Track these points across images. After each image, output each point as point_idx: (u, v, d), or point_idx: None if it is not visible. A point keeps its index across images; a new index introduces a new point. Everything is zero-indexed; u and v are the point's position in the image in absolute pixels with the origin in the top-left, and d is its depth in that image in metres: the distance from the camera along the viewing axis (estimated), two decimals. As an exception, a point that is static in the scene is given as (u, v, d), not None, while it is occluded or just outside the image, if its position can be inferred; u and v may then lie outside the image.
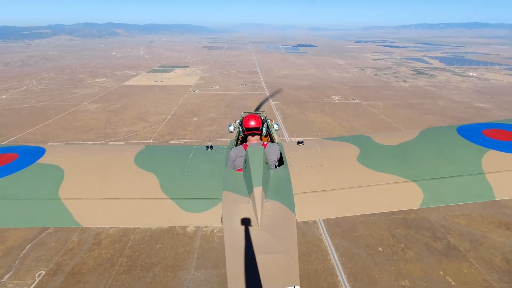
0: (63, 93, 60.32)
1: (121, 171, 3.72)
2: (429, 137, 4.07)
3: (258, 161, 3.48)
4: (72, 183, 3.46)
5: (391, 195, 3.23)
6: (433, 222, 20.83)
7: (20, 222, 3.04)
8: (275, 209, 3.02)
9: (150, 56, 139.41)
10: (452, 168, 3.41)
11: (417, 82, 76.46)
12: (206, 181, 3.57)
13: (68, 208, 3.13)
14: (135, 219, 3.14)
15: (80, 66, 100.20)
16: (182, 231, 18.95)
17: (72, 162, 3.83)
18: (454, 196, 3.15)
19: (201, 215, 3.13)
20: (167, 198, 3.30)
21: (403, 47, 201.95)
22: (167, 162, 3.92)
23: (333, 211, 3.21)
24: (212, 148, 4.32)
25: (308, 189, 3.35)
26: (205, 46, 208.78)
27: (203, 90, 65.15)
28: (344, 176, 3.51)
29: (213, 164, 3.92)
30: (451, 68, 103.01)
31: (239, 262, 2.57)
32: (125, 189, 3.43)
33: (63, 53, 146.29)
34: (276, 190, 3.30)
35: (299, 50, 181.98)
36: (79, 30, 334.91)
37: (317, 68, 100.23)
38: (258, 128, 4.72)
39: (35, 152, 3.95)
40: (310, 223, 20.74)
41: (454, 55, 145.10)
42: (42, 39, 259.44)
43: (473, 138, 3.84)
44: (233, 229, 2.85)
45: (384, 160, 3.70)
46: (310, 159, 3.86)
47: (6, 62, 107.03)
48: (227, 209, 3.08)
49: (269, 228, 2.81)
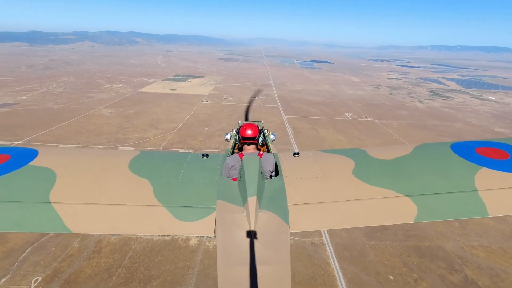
0: (80, 96, 61.84)
1: (115, 176, 3.64)
2: (424, 153, 4.10)
3: (254, 170, 3.47)
4: (64, 187, 3.35)
5: (385, 209, 3.22)
6: (449, 252, 19.56)
7: (7, 226, 2.89)
8: (269, 220, 2.98)
9: (167, 65, 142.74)
10: (446, 184, 3.44)
11: (433, 103, 74.96)
12: (201, 190, 3.52)
13: (59, 213, 3.02)
14: (127, 226, 3.06)
15: (99, 71, 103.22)
16: (184, 244, 18.38)
17: (65, 165, 3.73)
18: (448, 212, 3.15)
19: (194, 224, 3.07)
20: (160, 205, 3.23)
21: (419, 68, 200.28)
22: (162, 169, 3.86)
23: (327, 223, 3.18)
24: (208, 156, 4.28)
25: (302, 201, 3.32)
26: (221, 57, 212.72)
27: (216, 100, 65.62)
28: (338, 189, 3.50)
29: (208, 172, 3.86)
30: (468, 91, 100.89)
31: (231, 273, 2.55)
32: (118, 195, 3.35)
33: (84, 58, 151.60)
34: (271, 201, 3.26)
35: (314, 65, 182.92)
36: (101, 38, 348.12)
37: (330, 84, 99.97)
38: (254, 138, 4.68)
39: (28, 154, 3.86)
40: (318, 244, 19.83)
41: (471, 78, 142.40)
42: (66, 44, 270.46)
43: (467, 156, 3.88)
44: (226, 239, 2.82)
45: (379, 174, 3.68)
46: (306, 170, 3.84)
47: (30, 64, 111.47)
48: (221, 219, 3.02)
49: (262, 238, 2.77)
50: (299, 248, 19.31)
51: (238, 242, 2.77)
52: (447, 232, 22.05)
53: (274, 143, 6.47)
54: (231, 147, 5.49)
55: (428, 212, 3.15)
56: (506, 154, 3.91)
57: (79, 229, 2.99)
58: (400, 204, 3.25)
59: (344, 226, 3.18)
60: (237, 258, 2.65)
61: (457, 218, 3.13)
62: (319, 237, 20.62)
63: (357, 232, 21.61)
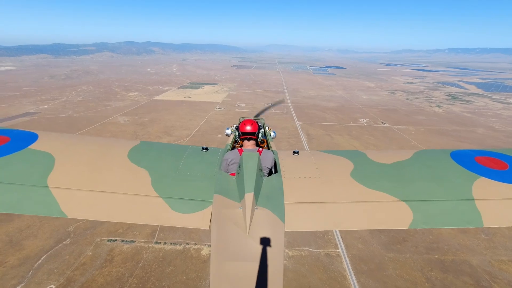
0: (98, 105, 63.65)
1: (113, 164, 3.64)
2: (423, 159, 4.07)
3: (252, 167, 3.46)
4: (62, 172, 3.36)
5: (381, 213, 3.19)
6: (476, 266, 18.32)
7: (4, 207, 2.92)
8: (264, 217, 2.97)
9: (182, 73, 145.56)
10: (443, 191, 3.42)
11: (452, 108, 72.33)
12: (198, 183, 3.52)
13: (56, 197, 3.05)
14: (123, 215, 3.06)
15: (117, 80, 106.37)
16: (196, 254, 18.11)
17: (64, 151, 3.74)
18: (443, 220, 3.13)
19: (189, 216, 3.08)
20: (157, 196, 3.24)
21: (436, 71, 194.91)
22: (161, 160, 3.85)
23: (323, 224, 3.14)
24: (207, 149, 4.28)
25: (299, 200, 3.31)
26: (234, 65, 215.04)
27: (229, 107, 65.90)
28: (336, 190, 3.48)
29: (207, 166, 3.87)
30: (489, 94, 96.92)
31: (223, 267, 2.57)
32: (115, 183, 3.34)
33: (103, 68, 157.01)
34: (268, 198, 3.25)
35: (327, 71, 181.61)
36: (120, 48, 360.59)
37: (345, 90, 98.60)
38: (253, 133, 4.70)
39: (28, 138, 3.89)
40: (333, 256, 19.07)
41: (492, 81, 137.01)
42: (87, 55, 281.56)
43: (466, 164, 3.86)
44: (221, 233, 2.81)
45: (377, 177, 3.67)
46: (304, 170, 3.83)
47: (52, 75, 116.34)
48: (217, 213, 3.02)
49: (257, 235, 2.77)
50: (314, 260, 18.62)
51: (232, 237, 2.77)
52: (472, 245, 20.74)
53: (275, 140, 6.45)
54: (230, 142, 5.53)
55: (423, 218, 3.12)
56: (505, 164, 3.88)
57: (75, 214, 2.98)
58: (396, 209, 3.22)
59: (340, 228, 3.11)
60: (230, 252, 2.66)
61: (452, 226, 3.11)
62: (335, 248, 19.85)
63: (375, 243, 20.69)
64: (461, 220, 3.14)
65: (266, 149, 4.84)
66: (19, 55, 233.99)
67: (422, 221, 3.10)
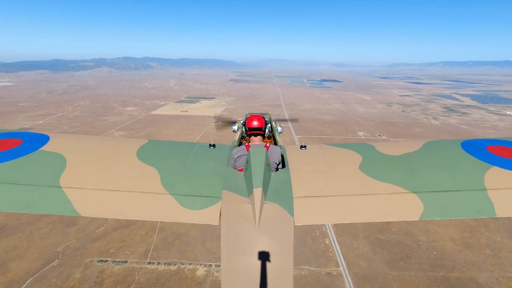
0: (94, 119, 63.27)
1: (123, 163, 3.72)
2: (433, 150, 4.01)
3: (260, 162, 3.49)
4: (74, 172, 3.45)
5: (391, 205, 3.16)
6: (483, 284, 17.57)
7: (19, 207, 3.03)
8: (273, 212, 2.99)
9: (179, 87, 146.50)
10: (454, 182, 3.36)
11: (448, 120, 72.66)
12: (207, 179, 3.55)
13: (68, 197, 3.13)
14: (133, 212, 3.10)
15: (114, 95, 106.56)
16: (191, 275, 17.25)
17: (75, 151, 3.84)
18: (455, 211, 3.06)
19: (199, 213, 3.10)
20: (167, 193, 3.29)
21: (431, 84, 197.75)
22: (169, 158, 3.91)
23: (332, 217, 3.13)
24: (215, 146, 4.32)
25: (307, 194, 3.32)
26: (232, 79, 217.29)
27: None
28: (344, 183, 3.46)
29: (215, 162, 3.90)
30: (485, 106, 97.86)
31: (234, 262, 2.60)
32: (125, 181, 3.42)
33: (101, 83, 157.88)
34: (276, 193, 3.27)
35: (324, 84, 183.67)
36: (118, 63, 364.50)
37: (342, 103, 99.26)
38: (260, 129, 4.74)
39: (39, 139, 4.00)
40: (334, 275, 18.26)
41: (487, 93, 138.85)
42: (85, 70, 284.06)
43: (477, 154, 3.79)
44: (231, 228, 2.83)
45: (386, 169, 3.63)
46: (312, 163, 3.82)
47: (50, 90, 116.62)
48: (226, 209, 3.06)
49: (266, 230, 2.78)
50: (314, 280, 17.79)
51: (242, 232, 2.79)
52: (478, 261, 20.03)
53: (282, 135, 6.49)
54: (238, 138, 5.59)
55: (434, 209, 3.07)
56: None
57: (88, 212, 3.05)
58: (406, 201, 3.18)
59: (349, 221, 3.08)
60: (241, 248, 2.67)
61: (463, 217, 3.03)
62: (336, 267, 19.05)
63: (377, 260, 19.92)
64: (473, 211, 3.06)
65: (273, 144, 4.86)
66: (17, 71, 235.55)
67: (433, 212, 3.04)
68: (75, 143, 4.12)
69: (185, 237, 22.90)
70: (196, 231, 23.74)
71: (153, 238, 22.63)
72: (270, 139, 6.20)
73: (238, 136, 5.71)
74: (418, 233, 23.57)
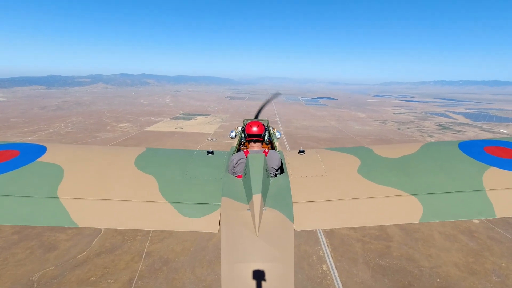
0: (86, 136, 62.05)
1: (121, 172, 3.69)
2: (430, 152, 4.03)
3: (259, 168, 3.49)
4: (71, 183, 3.43)
5: (390, 208, 3.15)
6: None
7: (17, 219, 2.99)
8: (273, 218, 2.97)
9: (175, 104, 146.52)
10: (453, 183, 3.37)
11: (443, 137, 72.90)
12: (206, 186, 3.53)
13: (66, 208, 3.11)
14: (132, 221, 3.08)
15: (108, 111, 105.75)
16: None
17: (72, 161, 3.81)
18: (454, 212, 3.08)
19: (198, 221, 3.09)
20: (166, 201, 3.27)
21: (424, 102, 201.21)
22: (167, 166, 3.89)
23: (332, 222, 3.13)
24: (213, 153, 4.31)
25: (307, 199, 3.31)
26: (227, 96, 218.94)
27: (221, 138, 65.02)
28: (344, 187, 3.45)
29: (214, 169, 3.88)
30: (478, 124, 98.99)
31: (234, 269, 2.59)
32: (124, 191, 3.39)
33: (96, 99, 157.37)
34: (275, 198, 3.24)
35: (319, 102, 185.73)
36: (115, 80, 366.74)
37: (337, 120, 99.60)
38: (260, 135, 4.75)
39: (36, 150, 3.97)
40: (333, 306, 16.88)
41: (479, 111, 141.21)
42: (81, 86, 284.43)
43: (475, 155, 3.82)
44: (230, 235, 2.82)
45: (385, 172, 3.61)
46: (311, 168, 3.82)
47: (43, 106, 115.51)
48: (225, 216, 3.04)
49: (266, 236, 2.77)
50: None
51: (242, 239, 2.75)
52: (485, 290, 18.84)
53: None
54: (236, 145, 5.55)
55: (434, 212, 3.08)
56: None
57: (86, 223, 3.04)
58: (406, 203, 3.19)
59: (349, 225, 3.10)
60: (241, 255, 2.65)
61: (463, 218, 3.03)
62: (335, 296, 17.69)
63: (378, 289, 18.63)
64: (472, 212, 3.07)
65: (271, 150, 4.85)
66: (12, 86, 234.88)
67: (432, 215, 3.04)
68: (73, 153, 4.09)
69: (174, 263, 21.41)
70: (186, 256, 22.29)
71: (139, 264, 21.10)
72: (268, 144, 6.21)
73: (237, 142, 5.67)
74: (420, 258, 22.39)
